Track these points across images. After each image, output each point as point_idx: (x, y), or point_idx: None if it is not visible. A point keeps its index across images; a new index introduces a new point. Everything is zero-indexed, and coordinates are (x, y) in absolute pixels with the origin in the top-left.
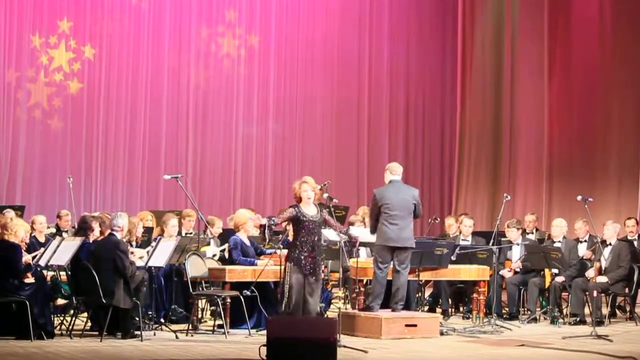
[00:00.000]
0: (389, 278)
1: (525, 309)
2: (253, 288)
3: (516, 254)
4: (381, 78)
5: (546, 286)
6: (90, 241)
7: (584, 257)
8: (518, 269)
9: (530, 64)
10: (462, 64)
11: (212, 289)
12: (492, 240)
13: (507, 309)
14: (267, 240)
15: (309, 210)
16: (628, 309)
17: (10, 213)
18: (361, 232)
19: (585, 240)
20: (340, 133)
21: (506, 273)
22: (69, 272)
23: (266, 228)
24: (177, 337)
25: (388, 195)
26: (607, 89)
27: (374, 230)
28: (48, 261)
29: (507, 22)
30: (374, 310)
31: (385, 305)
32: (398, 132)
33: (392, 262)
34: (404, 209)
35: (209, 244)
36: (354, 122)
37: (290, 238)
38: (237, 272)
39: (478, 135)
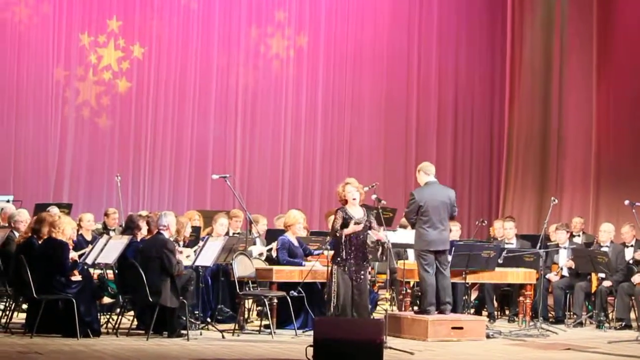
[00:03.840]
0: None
1: (572, 313)
2: (300, 288)
3: (563, 257)
4: (430, 79)
5: (592, 290)
6: (138, 240)
7: (635, 258)
8: (566, 273)
9: (579, 67)
10: (510, 65)
11: (259, 289)
12: (538, 244)
13: (553, 312)
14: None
15: (355, 212)
16: None
17: (54, 210)
18: (409, 234)
19: (631, 245)
20: (388, 134)
21: (553, 277)
22: (116, 271)
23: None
24: (223, 336)
25: (427, 197)
26: None
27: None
28: (95, 259)
29: (556, 24)
30: (431, 314)
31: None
32: (446, 133)
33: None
34: (443, 211)
35: (255, 243)
36: (402, 124)
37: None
38: (285, 273)
39: (526, 137)
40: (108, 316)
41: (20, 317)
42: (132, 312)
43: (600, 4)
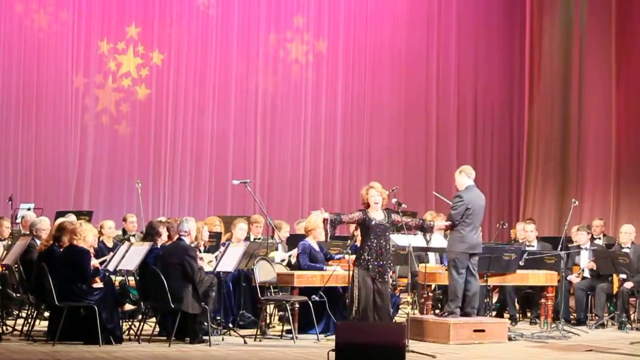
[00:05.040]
0: None
1: (593, 315)
2: (321, 293)
3: (584, 259)
4: (449, 82)
5: (614, 292)
6: (159, 246)
7: None
8: (587, 274)
9: (598, 67)
10: (530, 66)
11: (280, 294)
12: (559, 246)
13: (574, 314)
14: (326, 235)
15: (377, 215)
16: None
17: (71, 217)
18: (434, 238)
19: None
20: (408, 137)
21: (574, 278)
22: (138, 277)
23: (328, 223)
24: (245, 342)
25: (472, 200)
26: None
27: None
28: (117, 266)
29: (575, 25)
30: (457, 316)
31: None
32: (466, 136)
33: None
34: (481, 215)
35: (276, 248)
36: (421, 127)
37: (358, 243)
38: (306, 277)
39: (546, 139)
40: (130, 323)
41: (42, 325)
42: (154, 319)
43: (619, 5)
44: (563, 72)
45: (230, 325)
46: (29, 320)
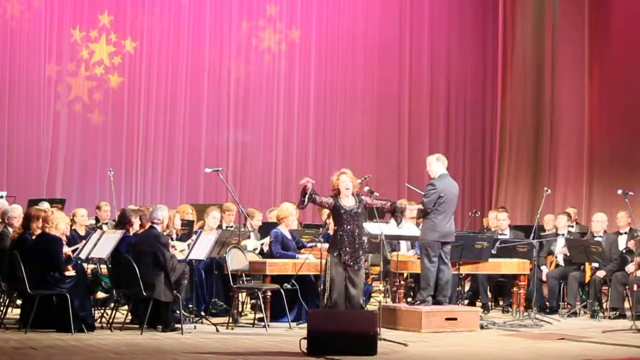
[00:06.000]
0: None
1: (566, 303)
2: (294, 281)
3: (560, 245)
4: (422, 71)
5: (586, 280)
6: (131, 234)
7: (628, 248)
8: (561, 261)
9: (571, 57)
10: (503, 57)
11: (252, 282)
12: (532, 234)
13: (547, 303)
14: (298, 203)
15: (348, 202)
16: None
17: (45, 205)
18: (405, 226)
19: (625, 232)
20: (380, 127)
21: (544, 269)
22: (110, 265)
23: (306, 194)
24: (217, 330)
25: (445, 189)
26: None
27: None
28: (89, 254)
29: (547, 14)
30: (429, 304)
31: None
32: (439, 125)
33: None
34: (454, 204)
35: (249, 237)
36: (394, 116)
37: (331, 232)
38: (278, 266)
39: (519, 129)
40: (102, 311)
41: (14, 313)
42: (126, 307)
43: None
44: (536, 62)
45: (203, 313)
46: (1, 308)
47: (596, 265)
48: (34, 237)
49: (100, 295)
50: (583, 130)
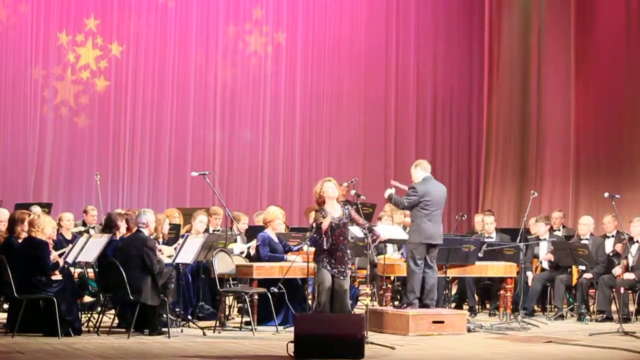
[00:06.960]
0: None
1: (552, 306)
2: (280, 285)
3: (543, 250)
4: (408, 75)
5: (573, 283)
6: (117, 238)
7: (615, 251)
8: (546, 266)
9: (557, 61)
10: (489, 60)
11: (239, 285)
12: (519, 237)
13: (537, 306)
14: (323, 244)
15: (334, 210)
16: None
17: (36, 209)
18: (389, 228)
19: (612, 236)
20: (367, 130)
21: (529, 274)
22: (97, 269)
23: (318, 243)
24: (204, 334)
25: (429, 191)
26: (634, 85)
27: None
28: (75, 258)
29: (533, 18)
30: (415, 307)
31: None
32: (425, 129)
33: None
34: (441, 206)
35: (235, 240)
36: (381, 120)
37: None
38: (265, 269)
39: (505, 132)
40: (89, 315)
41: (1, 317)
42: (113, 311)
43: None
44: (522, 65)
45: (189, 317)
46: None
47: (583, 268)
48: (20, 241)
49: (87, 299)
50: (569, 133)
